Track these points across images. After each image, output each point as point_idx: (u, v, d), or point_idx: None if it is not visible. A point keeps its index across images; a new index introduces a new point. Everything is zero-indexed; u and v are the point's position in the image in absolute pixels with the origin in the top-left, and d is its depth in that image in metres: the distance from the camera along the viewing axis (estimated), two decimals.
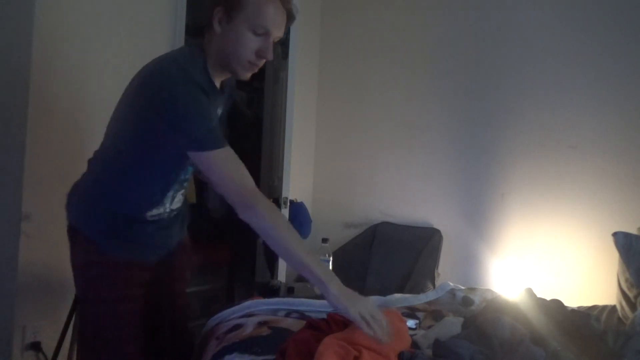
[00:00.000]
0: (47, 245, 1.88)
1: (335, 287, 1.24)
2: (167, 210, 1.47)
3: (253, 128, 3.50)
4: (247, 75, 1.36)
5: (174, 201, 1.47)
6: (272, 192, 3.13)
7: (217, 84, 1.38)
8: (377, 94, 3.27)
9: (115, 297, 1.38)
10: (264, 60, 1.33)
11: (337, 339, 1.25)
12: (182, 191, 1.49)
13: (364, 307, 1.24)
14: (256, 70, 1.37)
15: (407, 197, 3.15)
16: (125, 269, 1.39)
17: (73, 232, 1.41)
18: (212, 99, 1.34)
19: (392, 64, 3.24)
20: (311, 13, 3.36)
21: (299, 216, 2.79)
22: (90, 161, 1.45)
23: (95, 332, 1.39)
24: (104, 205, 1.38)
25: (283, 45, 2.96)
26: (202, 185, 3.05)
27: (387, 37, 3.26)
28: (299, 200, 2.89)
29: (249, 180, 1.29)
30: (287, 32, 2.93)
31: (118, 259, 1.37)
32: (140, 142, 1.32)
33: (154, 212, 1.42)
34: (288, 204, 2.75)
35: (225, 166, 1.27)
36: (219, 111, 1.44)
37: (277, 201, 2.78)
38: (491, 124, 2.95)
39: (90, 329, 1.40)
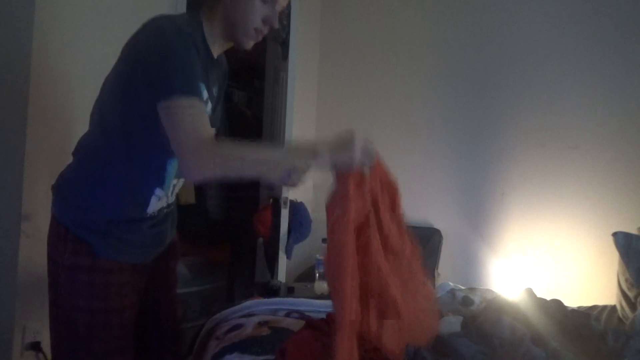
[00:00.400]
0: None
1: (325, 150, 1.15)
2: (169, 201, 1.40)
3: (253, 128, 3.50)
4: (250, 44, 1.32)
5: (174, 193, 1.40)
6: (272, 192, 3.13)
7: (215, 55, 1.34)
8: (377, 94, 3.27)
9: (109, 307, 1.28)
10: (268, 29, 1.30)
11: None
12: (180, 183, 1.42)
13: (355, 153, 1.17)
14: (260, 39, 1.33)
15: (407, 197, 3.11)
16: (119, 275, 1.30)
17: (61, 229, 1.30)
18: (209, 68, 1.29)
19: (392, 63, 3.24)
20: (311, 13, 3.36)
21: (298, 216, 2.79)
22: (75, 152, 1.36)
23: (80, 343, 1.28)
24: (99, 199, 1.29)
25: (283, 45, 2.96)
26: (201, 185, 3.05)
27: (387, 37, 3.26)
28: (299, 200, 2.89)
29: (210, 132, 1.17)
30: (287, 32, 2.94)
31: (111, 263, 1.29)
32: (131, 121, 1.24)
33: (157, 205, 1.34)
34: (288, 204, 2.75)
35: (190, 113, 1.13)
36: (215, 90, 1.37)
37: (277, 201, 2.78)
38: (491, 123, 2.95)
39: (74, 340, 1.29)
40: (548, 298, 1.79)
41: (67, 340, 1.31)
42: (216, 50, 1.34)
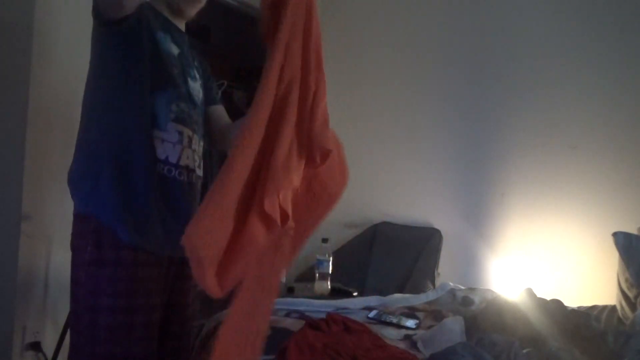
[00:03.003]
0: (47, 245, 1.88)
1: None
2: (193, 161, 1.32)
3: None
4: (191, 11, 1.37)
5: (191, 144, 1.32)
6: None
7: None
8: (377, 94, 3.27)
9: (133, 305, 1.22)
10: None
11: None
12: (194, 135, 1.34)
13: None
14: (199, 5, 1.37)
15: (407, 197, 3.15)
16: (144, 269, 1.24)
17: (83, 224, 1.24)
18: (170, 26, 1.34)
19: (392, 63, 3.24)
20: None
21: None
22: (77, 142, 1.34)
23: (101, 347, 1.21)
24: (106, 162, 1.23)
25: None
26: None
27: (387, 36, 3.26)
28: None
29: None
30: None
31: (137, 255, 1.22)
32: (100, 69, 1.27)
33: (171, 152, 1.26)
34: None
35: None
36: (193, 61, 1.40)
37: None
38: (491, 123, 2.95)
39: (94, 345, 1.21)
40: (548, 298, 1.79)
41: (86, 345, 1.22)
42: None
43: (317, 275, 2.34)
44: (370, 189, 3.25)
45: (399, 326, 1.82)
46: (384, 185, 3.21)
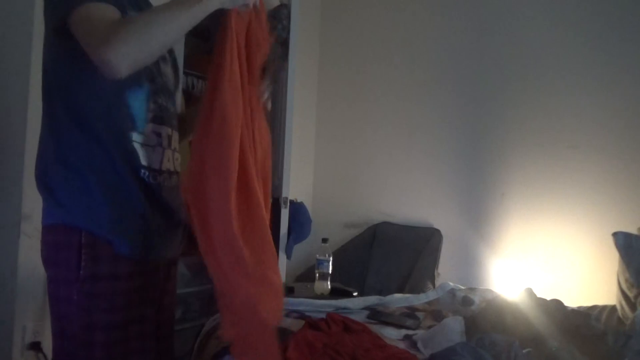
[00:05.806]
0: None
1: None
2: (172, 164, 1.23)
3: None
4: None
5: (170, 143, 1.23)
6: (272, 192, 3.12)
7: None
8: (377, 94, 3.27)
9: (130, 318, 1.15)
10: None
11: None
12: (175, 135, 1.25)
13: None
14: None
15: (407, 197, 3.15)
16: (140, 279, 1.18)
17: (66, 233, 1.12)
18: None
19: (392, 64, 3.24)
20: (311, 13, 3.36)
21: (299, 216, 2.79)
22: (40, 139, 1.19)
23: None
24: (90, 174, 1.12)
25: (283, 46, 2.95)
26: None
27: (387, 37, 3.26)
28: (299, 200, 2.89)
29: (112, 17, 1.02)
30: (287, 32, 2.93)
31: (132, 265, 1.15)
32: (62, 68, 1.11)
33: (153, 156, 1.18)
34: (288, 204, 2.75)
35: (93, 16, 1.00)
36: None
37: (277, 201, 2.78)
38: (491, 123, 2.95)
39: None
40: (548, 298, 1.79)
41: None
42: None
43: (317, 275, 2.34)
44: (370, 189, 3.25)
45: (399, 326, 1.82)
46: (384, 185, 3.21)
